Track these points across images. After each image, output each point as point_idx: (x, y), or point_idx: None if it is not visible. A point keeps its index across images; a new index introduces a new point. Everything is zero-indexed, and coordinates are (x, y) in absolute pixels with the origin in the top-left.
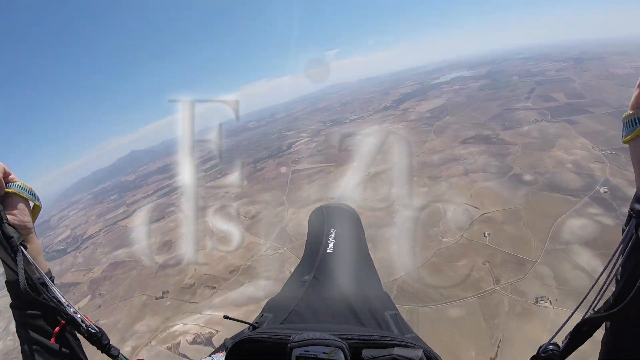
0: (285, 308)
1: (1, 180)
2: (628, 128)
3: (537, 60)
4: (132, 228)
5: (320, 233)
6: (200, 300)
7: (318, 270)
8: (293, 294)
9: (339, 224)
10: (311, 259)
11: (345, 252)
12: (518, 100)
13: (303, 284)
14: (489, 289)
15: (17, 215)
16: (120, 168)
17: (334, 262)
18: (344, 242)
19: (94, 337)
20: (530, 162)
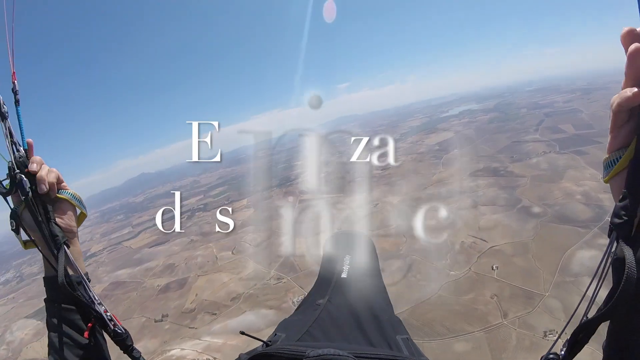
0: (298, 329)
1: (54, 185)
2: (607, 169)
3: (545, 92)
4: (136, 249)
5: (335, 259)
6: (199, 325)
7: (332, 294)
8: (307, 316)
9: (353, 251)
10: (326, 283)
11: (359, 278)
12: (527, 132)
13: (317, 306)
14: (496, 323)
15: (64, 219)
16: (129, 189)
17: (348, 286)
18: (358, 268)
19: (119, 337)
20: (539, 194)
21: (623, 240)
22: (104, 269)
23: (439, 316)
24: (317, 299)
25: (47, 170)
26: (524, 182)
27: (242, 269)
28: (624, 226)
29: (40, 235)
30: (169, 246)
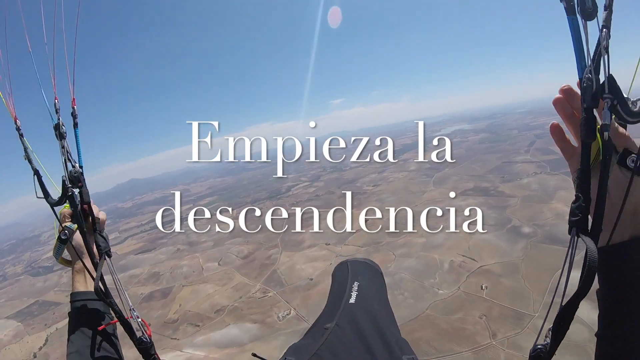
0: (307, 352)
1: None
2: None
3: (536, 114)
4: (121, 255)
5: (343, 285)
6: (182, 337)
7: (340, 319)
8: (315, 340)
9: (362, 277)
10: (334, 308)
11: (367, 303)
12: (517, 153)
13: (325, 330)
14: (485, 344)
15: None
16: (118, 194)
17: (356, 312)
18: (366, 294)
19: (143, 345)
20: (529, 214)
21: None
22: None
23: (426, 335)
24: (325, 324)
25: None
26: (515, 202)
27: (228, 280)
28: (579, 222)
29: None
30: (155, 254)
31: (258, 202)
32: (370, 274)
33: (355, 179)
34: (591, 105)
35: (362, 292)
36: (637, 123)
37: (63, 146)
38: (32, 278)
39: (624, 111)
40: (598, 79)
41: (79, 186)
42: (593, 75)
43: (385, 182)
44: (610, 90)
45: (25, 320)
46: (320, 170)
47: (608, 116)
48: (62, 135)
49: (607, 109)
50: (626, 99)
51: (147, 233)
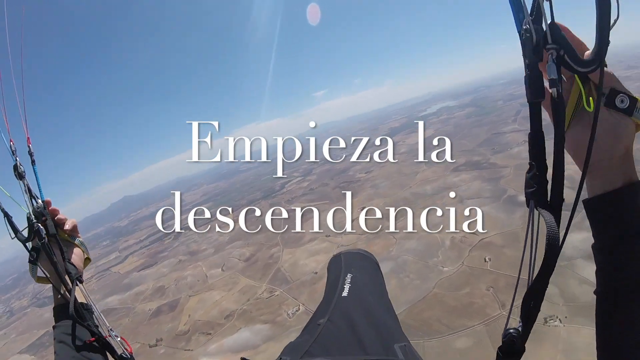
0: (300, 350)
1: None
2: None
3: (519, 83)
4: (124, 274)
5: (337, 278)
6: (195, 347)
7: (332, 314)
8: (308, 337)
9: (355, 269)
10: (327, 303)
11: (360, 296)
12: (505, 123)
13: (317, 327)
14: (495, 315)
15: (75, 261)
16: (113, 213)
17: (349, 305)
18: (359, 286)
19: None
20: (524, 182)
21: (540, 206)
22: (94, 297)
23: (436, 314)
24: (318, 320)
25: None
26: (508, 172)
27: (233, 285)
28: (537, 194)
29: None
30: (157, 268)
31: (254, 203)
32: (364, 265)
33: (347, 168)
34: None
35: (355, 285)
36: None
37: (24, 185)
38: (39, 309)
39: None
40: (540, 29)
41: (42, 220)
42: (531, 25)
43: (377, 167)
44: (554, 40)
45: (38, 352)
46: (311, 163)
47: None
48: (20, 175)
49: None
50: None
51: (146, 248)
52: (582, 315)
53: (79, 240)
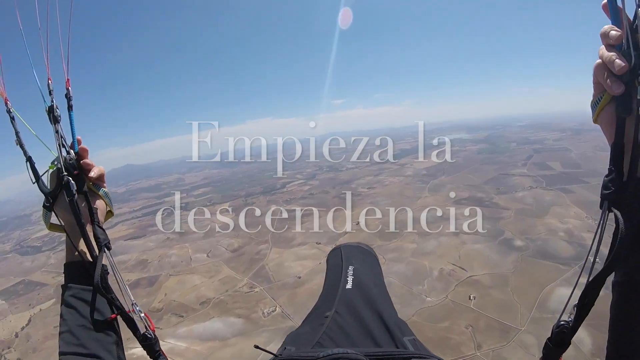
0: (308, 341)
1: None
2: (593, 109)
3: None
4: (111, 241)
5: (338, 271)
6: (164, 327)
7: (338, 306)
8: (315, 329)
9: (356, 262)
10: (331, 296)
11: (363, 288)
12: (515, 166)
13: (325, 319)
14: (469, 354)
15: (98, 214)
16: (112, 179)
17: (354, 297)
18: (362, 278)
19: (148, 341)
20: (523, 227)
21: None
22: None
23: None
24: (325, 312)
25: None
26: (508, 215)
27: (215, 273)
28: (612, 195)
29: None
30: (144, 241)
31: (252, 197)
32: (365, 257)
33: (351, 180)
34: (630, 80)
35: (357, 277)
36: None
37: (57, 130)
38: (20, 257)
39: None
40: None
41: (74, 174)
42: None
43: (381, 185)
44: None
45: (9, 299)
46: (317, 169)
47: None
48: (56, 118)
49: None
50: None
51: (138, 220)
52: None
53: (104, 190)
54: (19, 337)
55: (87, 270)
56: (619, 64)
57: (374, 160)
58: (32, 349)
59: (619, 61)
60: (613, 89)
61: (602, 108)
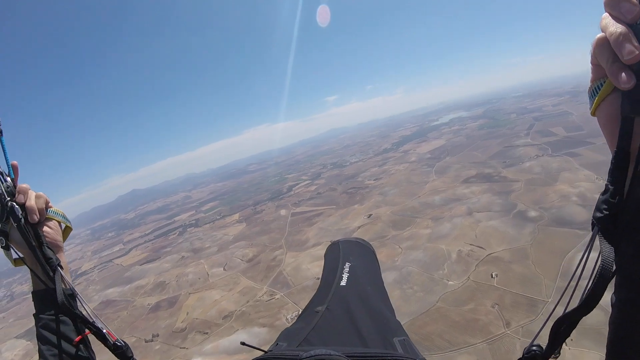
0: (297, 337)
1: (44, 211)
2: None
3: (533, 97)
4: (126, 267)
5: (335, 267)
6: (190, 346)
7: (331, 302)
8: (306, 324)
9: (353, 258)
10: (325, 291)
11: (358, 285)
12: (518, 137)
13: (316, 314)
14: (499, 334)
15: (51, 235)
16: (120, 206)
17: (347, 294)
18: (358, 275)
19: (120, 349)
20: (535, 198)
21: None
22: (94, 287)
23: (438, 329)
24: (316, 307)
25: (34, 197)
26: (518, 187)
27: (234, 285)
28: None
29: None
30: (159, 263)
31: (260, 204)
32: (362, 254)
33: (356, 174)
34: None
35: (353, 274)
36: None
37: None
38: None
39: None
40: None
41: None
42: None
43: (387, 175)
44: None
45: (34, 339)
46: (321, 167)
47: None
48: None
49: None
50: None
51: (151, 242)
52: (589, 339)
53: (52, 210)
54: None
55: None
56: (630, 49)
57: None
58: None
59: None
60: (620, 82)
61: (602, 98)
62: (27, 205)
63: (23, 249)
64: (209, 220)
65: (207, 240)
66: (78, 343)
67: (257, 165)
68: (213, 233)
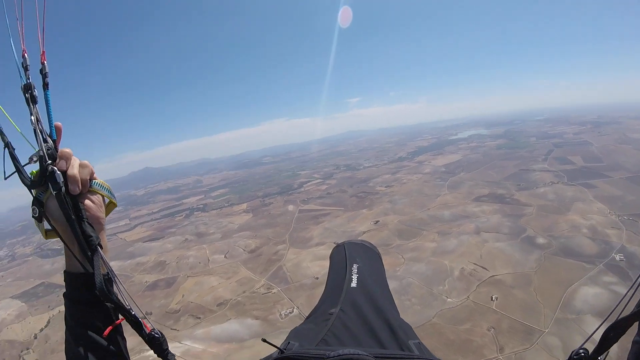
0: (312, 337)
1: (87, 181)
2: None
3: (555, 122)
4: (130, 242)
5: (343, 268)
6: (182, 328)
7: (344, 304)
8: (319, 325)
9: (361, 260)
10: (336, 293)
11: (368, 287)
12: (535, 161)
13: (330, 316)
14: (491, 358)
15: (93, 210)
16: (132, 182)
17: (359, 296)
18: (366, 277)
19: (157, 341)
20: (545, 224)
21: None
22: None
23: (431, 345)
24: (329, 309)
25: (77, 165)
26: (530, 212)
27: (233, 274)
28: None
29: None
30: (162, 243)
31: (269, 197)
32: (368, 256)
33: (368, 179)
34: None
35: (362, 275)
36: None
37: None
38: (41, 260)
39: None
40: None
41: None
42: None
43: (399, 183)
44: None
45: (29, 301)
46: (334, 168)
47: None
48: (33, 98)
49: None
50: None
51: (157, 221)
52: None
53: (97, 183)
54: (37, 338)
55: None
56: None
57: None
58: (50, 350)
59: None
60: None
61: None
62: (69, 174)
63: (59, 222)
64: (216, 207)
65: (212, 226)
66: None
67: (271, 158)
68: (219, 220)
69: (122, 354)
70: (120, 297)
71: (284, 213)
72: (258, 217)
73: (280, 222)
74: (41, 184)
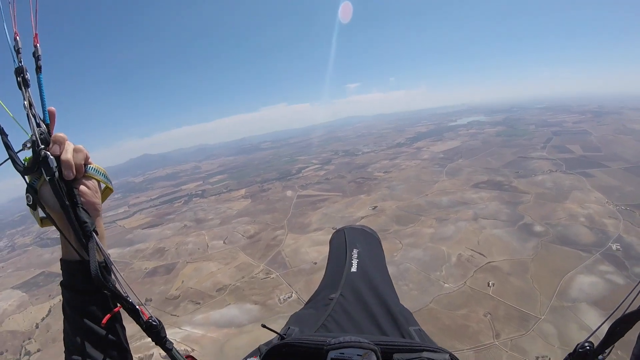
0: (313, 322)
1: (82, 167)
2: None
3: (555, 111)
4: (129, 229)
5: (343, 253)
6: (181, 314)
7: (344, 289)
8: (320, 310)
9: (360, 245)
10: (336, 278)
11: (368, 272)
12: (534, 149)
13: (330, 301)
14: (487, 343)
15: (88, 196)
16: (130, 169)
17: (359, 281)
18: (366, 262)
19: (154, 329)
20: (542, 212)
21: None
22: None
23: (427, 330)
24: (329, 294)
25: (71, 150)
26: (528, 199)
27: (232, 259)
28: None
29: (60, 213)
30: (161, 229)
31: (267, 182)
32: (368, 241)
33: (367, 165)
34: None
35: (362, 261)
36: None
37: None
38: (40, 249)
39: None
40: None
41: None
42: None
43: (397, 169)
44: None
45: (30, 290)
46: (332, 153)
47: None
48: (26, 82)
49: None
50: None
51: (155, 208)
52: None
53: (92, 167)
54: (39, 328)
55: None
56: None
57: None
58: (52, 339)
59: None
60: None
61: None
62: (62, 159)
63: (54, 209)
64: (215, 193)
65: (211, 212)
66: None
67: (270, 144)
68: (217, 205)
69: (121, 342)
70: (118, 285)
71: (283, 199)
72: (256, 203)
73: (279, 208)
74: (34, 170)
